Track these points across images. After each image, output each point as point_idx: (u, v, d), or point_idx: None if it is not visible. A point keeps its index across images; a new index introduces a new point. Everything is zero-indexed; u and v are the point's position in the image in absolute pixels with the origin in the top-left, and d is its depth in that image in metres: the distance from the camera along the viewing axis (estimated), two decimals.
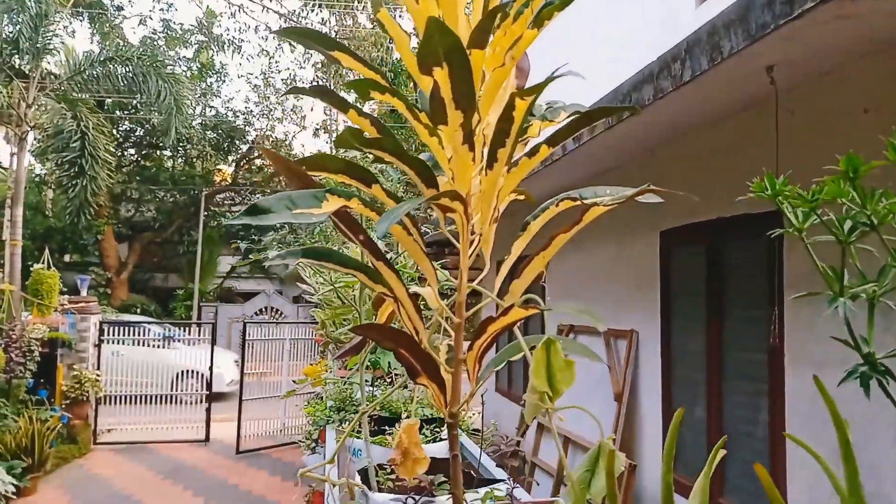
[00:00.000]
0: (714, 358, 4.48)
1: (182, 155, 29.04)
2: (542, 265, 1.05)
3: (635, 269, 5.61)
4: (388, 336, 0.96)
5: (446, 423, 1.11)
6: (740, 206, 4.34)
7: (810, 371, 3.68)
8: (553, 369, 1.01)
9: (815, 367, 3.62)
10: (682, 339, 5.00)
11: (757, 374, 4.03)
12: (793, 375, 3.73)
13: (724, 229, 4.49)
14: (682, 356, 4.97)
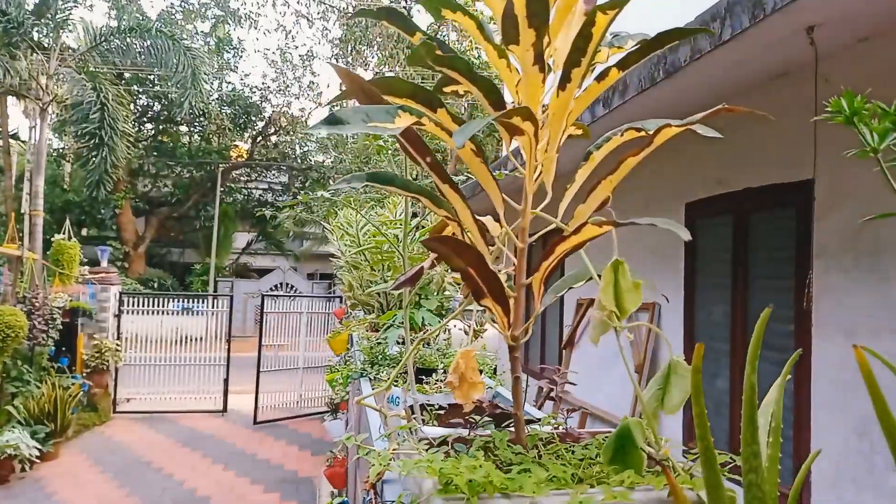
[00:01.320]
0: (739, 328, 4.47)
1: (199, 130, 29.10)
2: (608, 189, 1.05)
3: (659, 242, 5.58)
4: (459, 250, 0.96)
5: (508, 347, 1.12)
6: (769, 176, 4.31)
7: (838, 339, 3.67)
8: (620, 289, 1.02)
9: (843, 334, 3.61)
10: (705, 311, 4.99)
11: (783, 344, 4.01)
12: (820, 344, 3.71)
13: (752, 200, 4.45)
14: (705, 327, 4.96)
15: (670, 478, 0.78)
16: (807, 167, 3.94)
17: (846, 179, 3.59)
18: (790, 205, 4.08)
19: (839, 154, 3.59)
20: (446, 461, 0.92)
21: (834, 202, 3.67)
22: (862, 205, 3.51)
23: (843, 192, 3.62)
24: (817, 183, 3.78)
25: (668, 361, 1.00)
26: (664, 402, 0.97)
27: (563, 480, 0.92)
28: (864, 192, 3.51)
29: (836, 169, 3.64)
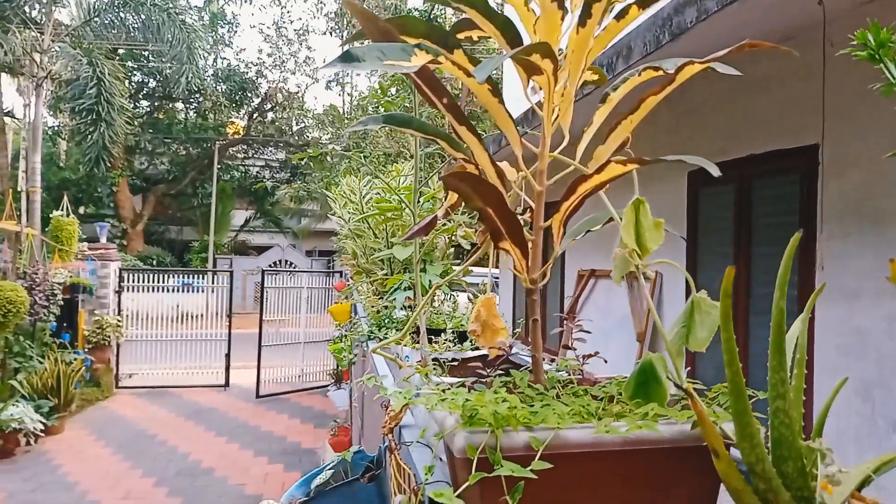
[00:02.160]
0: (742, 295, 4.48)
1: (195, 107, 28.88)
2: (628, 130, 1.05)
3: (660, 211, 5.55)
4: (479, 188, 0.95)
5: (526, 290, 1.12)
6: (773, 142, 4.30)
7: (840, 304, 3.68)
8: (641, 228, 1.02)
9: (847, 299, 3.62)
10: (708, 278, 4.99)
11: (786, 309, 4.02)
12: (823, 308, 3.72)
13: (756, 166, 4.44)
14: (708, 292, 4.97)
15: (697, 405, 0.78)
16: (811, 132, 3.93)
17: (852, 144, 3.58)
18: (794, 170, 4.06)
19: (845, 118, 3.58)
20: (470, 395, 0.92)
21: (839, 167, 3.65)
22: (868, 169, 3.50)
23: (849, 157, 3.60)
24: (822, 147, 3.77)
25: (691, 299, 1.00)
26: (689, 338, 0.97)
27: (585, 414, 0.93)
28: (871, 156, 3.50)
29: (842, 134, 3.62)
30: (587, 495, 0.91)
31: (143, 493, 7.29)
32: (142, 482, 7.62)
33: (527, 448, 0.87)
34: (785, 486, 0.78)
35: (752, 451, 0.77)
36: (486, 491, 0.86)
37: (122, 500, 7.05)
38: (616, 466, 0.92)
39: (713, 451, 0.80)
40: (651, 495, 0.94)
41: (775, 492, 0.78)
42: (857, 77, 3.51)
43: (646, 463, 0.92)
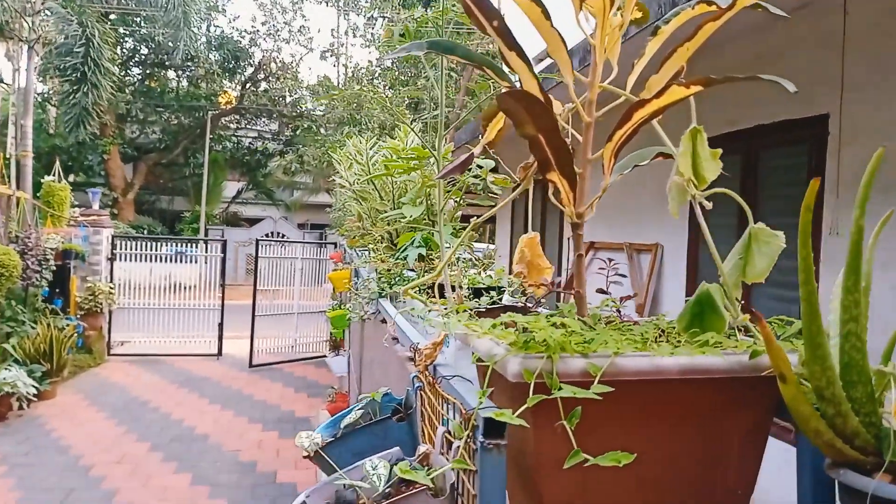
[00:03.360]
0: None
1: (187, 75, 28.49)
2: (683, 58, 1.01)
3: (663, 184, 5.54)
4: (534, 109, 0.91)
5: (572, 225, 1.09)
6: (782, 112, 4.27)
7: None
8: (699, 158, 0.99)
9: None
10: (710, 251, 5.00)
11: (790, 281, 4.03)
12: (828, 278, 3.72)
13: (763, 137, 4.42)
14: (710, 266, 4.97)
15: (765, 328, 0.76)
16: (820, 102, 3.90)
17: (862, 114, 3.56)
18: (803, 141, 4.05)
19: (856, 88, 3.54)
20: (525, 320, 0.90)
21: (848, 137, 3.64)
22: (876, 139, 3.48)
23: (859, 127, 3.59)
24: (841, 116, 3.74)
25: (749, 230, 0.98)
26: (746, 270, 0.95)
27: (641, 343, 0.91)
28: (881, 125, 3.49)
29: (852, 104, 3.60)
30: (639, 427, 0.90)
31: (137, 457, 7.28)
32: (136, 447, 7.61)
33: (583, 375, 0.85)
34: (853, 412, 0.76)
35: (822, 375, 0.75)
36: (540, 416, 0.84)
37: (117, 464, 7.05)
38: (669, 397, 0.90)
39: (780, 376, 0.78)
40: (702, 429, 0.92)
41: (844, 416, 0.76)
42: (873, 46, 3.48)
43: (699, 394, 0.90)
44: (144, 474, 6.79)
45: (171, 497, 6.26)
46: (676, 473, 0.92)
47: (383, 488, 0.92)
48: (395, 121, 18.90)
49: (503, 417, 0.79)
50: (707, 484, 0.93)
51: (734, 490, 0.94)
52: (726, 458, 0.93)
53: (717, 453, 0.92)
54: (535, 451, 0.89)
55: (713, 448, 0.92)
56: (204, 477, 6.78)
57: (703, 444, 0.92)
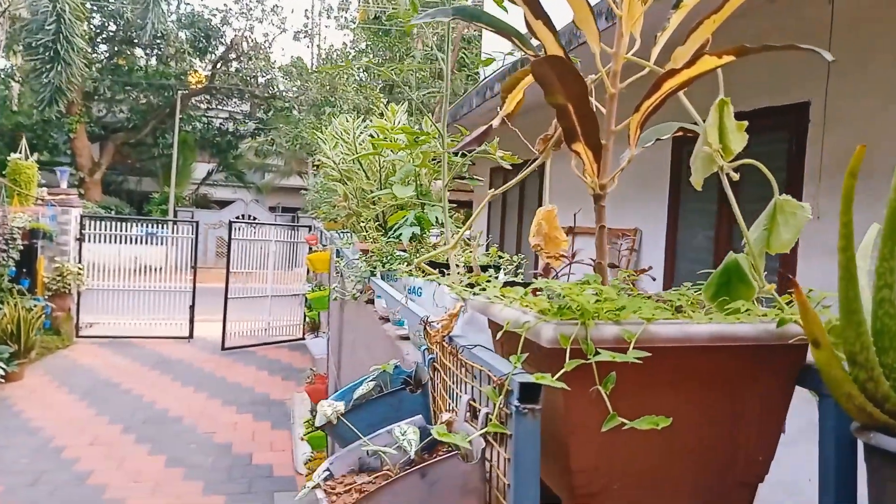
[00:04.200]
0: (723, 252, 4.55)
1: (156, 54, 27.88)
2: (710, 30, 1.02)
3: (643, 170, 5.60)
4: (566, 76, 0.91)
5: (594, 196, 1.09)
6: (762, 100, 4.33)
7: (823, 259, 3.76)
8: (725, 129, 1.00)
9: (827, 254, 3.70)
10: (688, 236, 5.07)
11: (768, 265, 4.10)
12: (805, 265, 3.80)
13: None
14: (688, 252, 5.05)
15: (800, 294, 0.77)
16: (801, 90, 3.96)
17: (843, 102, 3.62)
18: (783, 128, 4.11)
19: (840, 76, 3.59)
20: (560, 286, 0.90)
21: (828, 125, 3.70)
22: (857, 127, 3.55)
23: (839, 115, 3.65)
24: (813, 105, 3.81)
25: (773, 201, 0.99)
26: (770, 241, 0.96)
27: (672, 310, 0.92)
28: (860, 113, 3.55)
29: (835, 91, 3.66)
30: (669, 393, 0.91)
31: (110, 439, 7.19)
32: (108, 429, 7.51)
33: (616, 341, 0.86)
34: (885, 377, 0.78)
35: (857, 340, 0.77)
36: (572, 382, 0.85)
37: (90, 445, 6.95)
38: (698, 364, 0.91)
39: (813, 342, 0.79)
40: (727, 396, 0.94)
41: (875, 381, 0.78)
42: (856, 34, 3.53)
43: (726, 361, 0.92)
44: (118, 456, 6.72)
45: (146, 479, 6.20)
46: (701, 440, 0.94)
47: (415, 451, 0.92)
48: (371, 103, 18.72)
49: (544, 380, 0.80)
50: (730, 450, 0.95)
51: (755, 457, 0.96)
52: (749, 425, 0.94)
53: (741, 420, 0.94)
54: (564, 418, 0.89)
55: (737, 414, 0.94)
56: (178, 459, 6.73)
57: (728, 410, 0.93)
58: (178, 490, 6.01)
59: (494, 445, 0.91)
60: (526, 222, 7.81)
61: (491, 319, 1.13)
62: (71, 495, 5.75)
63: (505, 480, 0.86)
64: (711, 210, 4.74)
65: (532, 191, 7.69)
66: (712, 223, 4.72)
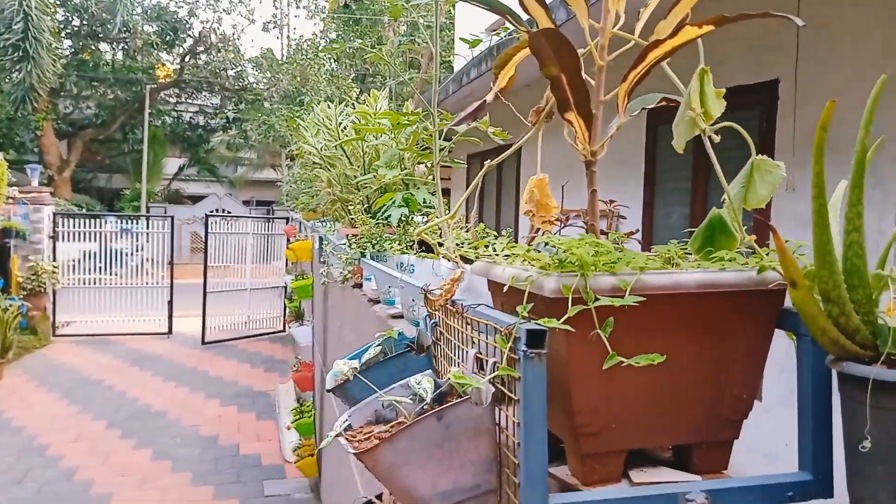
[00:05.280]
0: (698, 223, 4.68)
1: (123, 48, 27.41)
2: (690, 5, 1.09)
3: (619, 147, 5.71)
4: (561, 49, 0.98)
5: (586, 163, 1.17)
6: (733, 79, 4.45)
7: (795, 231, 3.90)
8: (706, 96, 1.08)
9: (799, 225, 3.83)
10: (664, 213, 5.19)
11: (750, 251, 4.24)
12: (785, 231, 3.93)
13: None
14: (663, 230, 5.17)
15: (779, 240, 0.86)
16: (771, 68, 4.09)
17: (810, 80, 3.75)
18: (754, 105, 4.23)
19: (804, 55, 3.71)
20: (559, 241, 0.98)
21: (797, 101, 3.83)
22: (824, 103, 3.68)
23: (807, 92, 3.77)
24: (783, 82, 3.94)
25: (751, 160, 1.08)
26: (748, 197, 1.05)
27: (662, 262, 1.00)
28: (827, 91, 3.68)
29: (801, 70, 3.78)
30: (661, 338, 0.99)
31: (94, 435, 7.18)
32: (92, 425, 7.49)
33: (613, 290, 0.94)
34: (855, 312, 0.87)
35: (830, 279, 0.86)
36: (576, 328, 0.92)
37: (74, 442, 6.93)
38: (687, 310, 0.99)
39: (791, 283, 0.88)
40: (713, 339, 1.02)
41: (847, 316, 0.86)
42: (823, 13, 3.65)
43: (713, 307, 1.00)
44: (103, 452, 6.71)
45: (133, 473, 6.22)
46: (690, 380, 1.02)
47: (430, 398, 0.99)
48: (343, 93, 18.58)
49: (550, 324, 0.87)
50: (717, 389, 1.04)
51: (740, 395, 1.05)
52: (734, 366, 1.03)
53: (726, 360, 1.02)
54: (567, 364, 0.97)
55: (723, 356, 1.02)
56: (164, 452, 6.74)
57: (715, 352, 1.02)
58: (165, 482, 6.03)
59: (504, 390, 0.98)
60: (504, 204, 7.90)
61: (492, 281, 1.20)
62: (58, 491, 5.75)
63: (515, 420, 0.93)
64: (686, 188, 4.86)
65: (510, 175, 7.79)
66: (687, 201, 4.85)
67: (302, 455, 5.74)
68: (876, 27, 3.40)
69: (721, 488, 0.96)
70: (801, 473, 1.00)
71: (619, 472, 1.03)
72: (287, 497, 5.77)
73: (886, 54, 3.38)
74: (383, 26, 23.64)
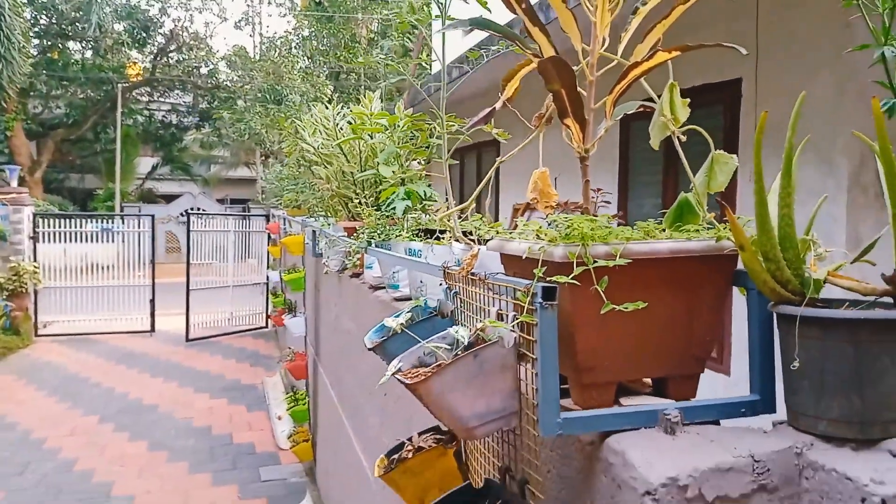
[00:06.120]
0: None
1: (92, 46, 27.18)
2: (660, 32, 1.37)
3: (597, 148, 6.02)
4: (561, 70, 1.26)
5: (580, 158, 1.45)
6: (698, 77, 4.78)
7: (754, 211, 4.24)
8: (674, 104, 1.37)
9: None
10: (637, 205, 5.52)
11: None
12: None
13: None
14: (637, 215, 5.49)
15: (731, 214, 1.15)
16: (733, 68, 4.42)
17: (770, 79, 4.09)
18: (718, 102, 4.57)
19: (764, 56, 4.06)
20: (564, 219, 1.26)
21: (759, 99, 4.17)
22: (782, 101, 4.02)
23: (767, 90, 4.12)
24: (745, 81, 4.28)
25: (711, 155, 1.37)
26: (710, 183, 1.34)
27: (643, 234, 1.29)
28: (785, 89, 4.02)
29: (761, 70, 4.12)
30: (643, 293, 1.27)
31: (88, 429, 7.34)
32: (85, 420, 7.64)
33: (606, 256, 1.22)
34: (787, 267, 1.16)
35: (768, 243, 1.15)
36: (577, 288, 1.21)
37: (70, 436, 7.09)
38: (662, 271, 1.28)
39: (740, 247, 1.17)
40: (685, 295, 1.31)
41: (781, 270, 1.16)
42: (778, 19, 3.99)
43: (682, 269, 1.29)
44: (99, 444, 6.88)
45: (131, 463, 6.40)
46: (666, 326, 1.31)
47: (467, 342, 1.27)
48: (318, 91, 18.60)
49: (562, 279, 1.15)
50: (687, 333, 1.33)
51: (705, 337, 1.34)
52: (700, 314, 1.32)
53: (694, 310, 1.31)
54: (571, 313, 1.25)
55: (691, 306, 1.31)
56: (160, 443, 6.93)
57: (685, 304, 1.30)
58: (164, 471, 6.23)
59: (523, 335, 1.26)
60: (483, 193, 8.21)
61: (505, 254, 1.48)
62: (60, 482, 5.92)
63: (532, 356, 1.21)
64: (657, 181, 5.20)
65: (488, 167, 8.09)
66: (659, 192, 5.18)
67: (297, 441, 5.98)
68: (827, 30, 3.74)
69: (690, 406, 1.26)
70: (752, 395, 1.30)
71: (612, 399, 1.32)
72: (283, 481, 6.01)
73: (836, 54, 3.73)
74: (356, 23, 23.79)
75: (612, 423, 1.23)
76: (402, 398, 2.88)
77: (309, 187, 6.14)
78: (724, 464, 1.10)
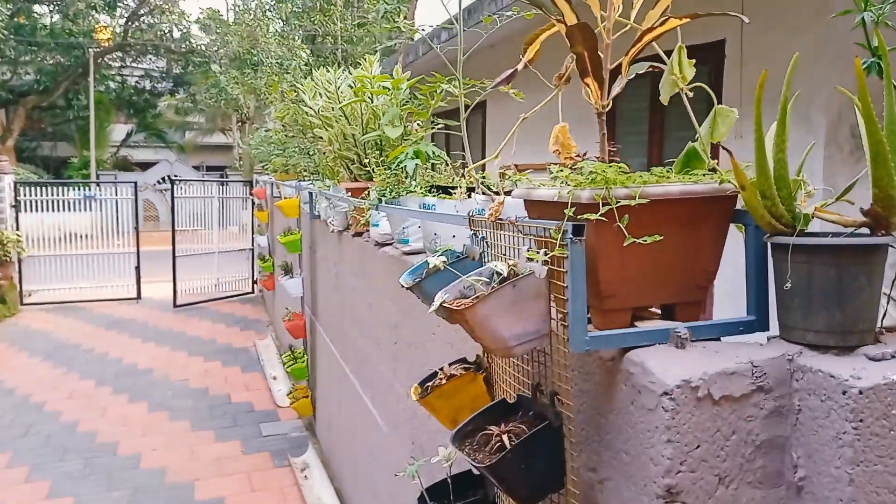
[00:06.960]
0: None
1: (60, 10, 26.50)
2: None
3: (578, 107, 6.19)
4: (585, 34, 1.43)
5: (597, 113, 1.63)
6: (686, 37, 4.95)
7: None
8: (682, 64, 1.55)
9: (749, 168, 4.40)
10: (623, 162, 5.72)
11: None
12: None
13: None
14: None
15: (733, 159, 1.34)
16: (718, 30, 4.60)
17: (754, 38, 4.27)
18: (704, 63, 4.75)
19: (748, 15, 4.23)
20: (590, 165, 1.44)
21: (744, 59, 4.36)
22: (767, 59, 4.22)
23: (752, 50, 4.31)
24: (728, 42, 4.46)
25: (714, 108, 1.55)
26: (713, 133, 1.53)
27: (657, 178, 1.48)
28: (769, 48, 4.21)
29: (746, 29, 4.31)
30: (657, 229, 1.47)
31: (86, 392, 7.48)
32: (82, 384, 7.78)
33: (626, 197, 1.41)
34: (781, 203, 1.36)
35: (765, 182, 1.34)
36: (600, 226, 1.40)
37: (69, 399, 7.23)
38: (673, 211, 1.47)
39: (741, 186, 1.36)
40: (692, 231, 1.51)
41: (776, 206, 1.36)
42: None
43: (690, 208, 1.48)
44: (99, 406, 7.03)
45: (133, 423, 6.58)
46: (675, 258, 1.51)
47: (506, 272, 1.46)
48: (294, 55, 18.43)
49: (592, 216, 1.34)
50: (691, 264, 1.53)
51: (706, 268, 1.54)
52: (703, 248, 1.52)
53: (699, 244, 1.51)
54: (594, 248, 1.44)
55: (697, 241, 1.51)
56: (159, 404, 7.10)
57: (691, 239, 1.50)
58: (167, 429, 6.42)
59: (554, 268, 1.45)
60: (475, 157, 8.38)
61: (529, 200, 1.67)
62: (65, 442, 6.09)
63: (563, 284, 1.41)
64: (643, 141, 5.40)
65: (475, 125, 8.28)
66: (644, 152, 5.38)
67: (297, 397, 6.19)
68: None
69: (696, 325, 1.47)
70: (748, 316, 1.51)
71: (629, 323, 1.52)
72: (284, 436, 6.23)
73: (817, 18, 3.92)
74: None
75: (631, 340, 1.44)
76: (413, 344, 3.09)
77: (300, 151, 6.25)
78: (728, 369, 1.31)
